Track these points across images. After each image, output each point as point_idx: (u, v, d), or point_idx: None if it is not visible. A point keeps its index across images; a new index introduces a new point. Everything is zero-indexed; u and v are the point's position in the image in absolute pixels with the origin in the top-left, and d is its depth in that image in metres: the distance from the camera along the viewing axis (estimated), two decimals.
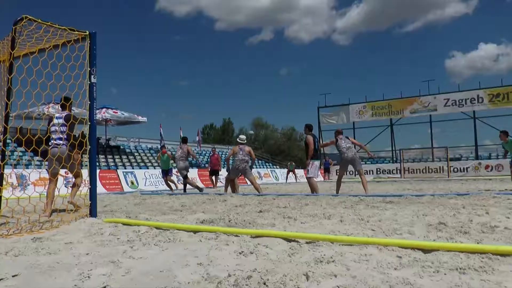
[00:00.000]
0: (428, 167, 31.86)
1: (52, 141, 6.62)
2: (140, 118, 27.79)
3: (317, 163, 10.85)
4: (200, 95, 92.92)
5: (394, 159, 36.90)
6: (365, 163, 34.24)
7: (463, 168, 30.98)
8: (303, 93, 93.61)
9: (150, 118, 34.78)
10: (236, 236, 3.72)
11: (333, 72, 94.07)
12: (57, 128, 6.52)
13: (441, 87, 41.61)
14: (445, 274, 2.34)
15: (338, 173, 11.10)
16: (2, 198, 5.56)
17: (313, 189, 10.51)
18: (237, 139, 12.38)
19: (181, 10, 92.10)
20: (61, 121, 6.47)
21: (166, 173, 15.57)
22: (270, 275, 2.35)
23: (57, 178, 6.42)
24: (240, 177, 12.46)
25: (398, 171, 32.77)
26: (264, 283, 2.21)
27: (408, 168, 32.51)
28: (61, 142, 6.38)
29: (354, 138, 11.18)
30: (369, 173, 32.90)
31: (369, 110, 38.56)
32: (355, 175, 29.40)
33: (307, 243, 3.32)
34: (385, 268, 2.50)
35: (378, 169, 34.10)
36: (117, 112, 25.81)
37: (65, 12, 76.61)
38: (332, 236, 3.39)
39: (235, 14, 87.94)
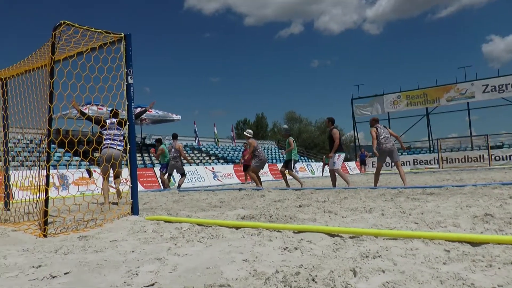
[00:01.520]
0: (468, 156, 31.09)
1: (107, 142, 7.62)
2: (174, 116, 28.13)
3: (343, 155, 11.24)
4: (232, 91, 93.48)
5: (431, 149, 36.25)
6: (401, 154, 33.70)
7: (506, 156, 30.08)
8: (336, 85, 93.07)
9: (184, 115, 35.24)
10: (279, 231, 3.72)
11: (365, 63, 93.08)
12: (111, 131, 7.44)
13: (478, 73, 40.83)
14: (499, 268, 2.27)
15: (376, 165, 10.91)
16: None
17: (345, 180, 10.77)
18: (249, 134, 12.68)
19: (209, 8, 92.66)
20: (114, 126, 6.95)
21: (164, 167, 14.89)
22: (317, 271, 2.34)
23: (108, 175, 6.93)
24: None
25: (436, 161, 32.10)
26: (313, 279, 2.19)
27: (446, 158, 31.78)
28: (116, 144, 6.89)
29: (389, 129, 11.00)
30: (406, 164, 32.35)
31: (404, 100, 37.96)
32: (391, 167, 28.97)
33: (350, 237, 3.29)
34: (433, 263, 2.45)
35: (415, 160, 33.46)
36: (151, 111, 26.18)
37: (97, 16, 78.09)
38: (376, 230, 3.34)
39: (263, 9, 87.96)
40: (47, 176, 4.65)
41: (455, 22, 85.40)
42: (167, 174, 14.59)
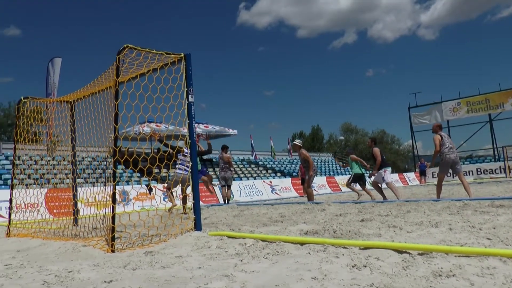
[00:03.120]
0: None
1: (179, 166, 9.73)
2: (231, 131, 28.45)
3: (389, 169, 11.48)
4: (287, 103, 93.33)
5: (496, 157, 34.64)
6: (463, 163, 32.44)
7: None
8: (392, 94, 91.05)
9: (240, 129, 35.49)
10: (344, 248, 3.67)
11: (422, 70, 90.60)
12: (186, 159, 9.24)
13: None
14: None
15: (437, 176, 10.50)
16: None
17: (396, 194, 10.94)
18: (299, 143, 12.46)
19: (262, 22, 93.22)
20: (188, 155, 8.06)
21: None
22: None
23: (171, 192, 9.49)
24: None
25: (502, 170, 30.55)
26: None
27: None
28: (187, 170, 8.67)
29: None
30: (469, 174, 30.99)
31: (464, 107, 36.59)
32: (453, 177, 27.88)
33: (419, 254, 3.19)
34: None
35: (479, 169, 32.00)
36: (208, 127, 26.64)
37: (155, 37, 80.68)
38: (446, 246, 3.22)
39: (316, 20, 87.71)
40: (114, 194, 4.82)
41: None
42: (224, 187, 14.67)
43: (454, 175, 10.72)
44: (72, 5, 75.54)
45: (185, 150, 9.31)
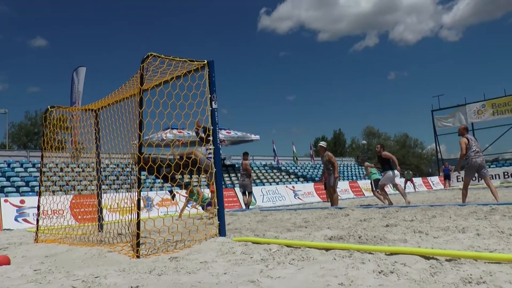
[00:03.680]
0: None
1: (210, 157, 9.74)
2: (253, 137, 28.48)
3: (391, 173, 11.49)
4: (309, 108, 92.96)
5: None
6: (489, 167, 31.80)
7: None
8: (415, 97, 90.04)
9: (262, 135, 35.51)
10: (370, 253, 3.63)
11: (445, 72, 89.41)
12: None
13: None
14: None
15: (463, 180, 10.30)
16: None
17: (385, 198, 11.59)
18: (325, 144, 12.45)
19: (283, 27, 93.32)
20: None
21: None
22: None
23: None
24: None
25: None
26: None
27: None
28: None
29: None
30: (495, 178, 30.31)
31: (489, 109, 35.90)
32: (478, 181, 27.36)
33: (447, 260, 3.14)
34: None
35: (506, 173, 31.28)
36: (230, 132, 26.72)
37: (177, 45, 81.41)
38: (475, 253, 3.16)
39: (337, 23, 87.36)
40: (138, 201, 4.87)
41: None
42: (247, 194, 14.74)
43: (480, 179, 10.52)
44: (97, 15, 76.87)
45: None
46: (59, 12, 72.82)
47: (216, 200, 5.72)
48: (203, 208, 10.64)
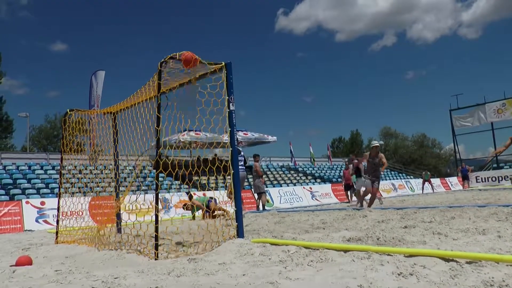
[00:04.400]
0: None
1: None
2: (270, 138, 28.45)
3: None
4: (326, 109, 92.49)
5: None
6: (510, 167, 31.32)
7: None
8: (433, 96, 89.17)
9: (279, 136, 35.37)
10: (389, 255, 3.60)
11: (464, 70, 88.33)
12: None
13: None
14: None
15: None
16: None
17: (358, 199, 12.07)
18: (380, 144, 12.36)
19: (300, 27, 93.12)
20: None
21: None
22: None
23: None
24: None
25: None
26: None
27: None
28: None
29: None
30: None
31: (510, 107, 35.24)
32: (498, 182, 26.98)
33: (467, 263, 3.09)
34: None
35: None
36: (247, 134, 26.73)
37: (194, 46, 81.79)
38: (497, 255, 3.10)
39: (354, 23, 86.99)
40: (156, 203, 4.91)
41: None
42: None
43: (501, 179, 10.36)
44: (115, 19, 77.69)
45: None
46: (78, 16, 73.72)
47: (233, 202, 5.73)
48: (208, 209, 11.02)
